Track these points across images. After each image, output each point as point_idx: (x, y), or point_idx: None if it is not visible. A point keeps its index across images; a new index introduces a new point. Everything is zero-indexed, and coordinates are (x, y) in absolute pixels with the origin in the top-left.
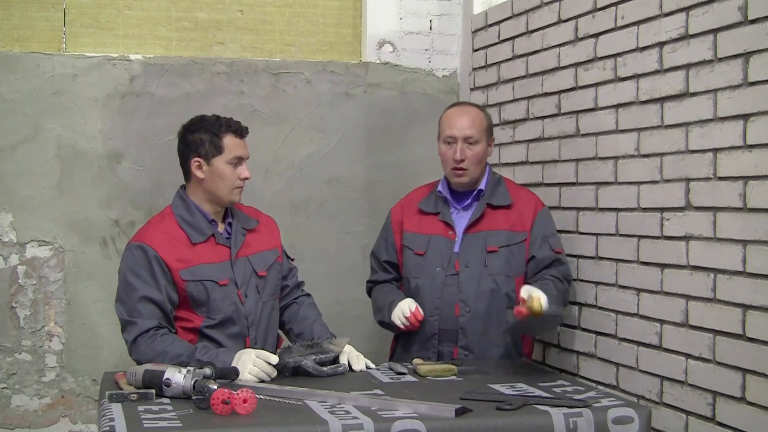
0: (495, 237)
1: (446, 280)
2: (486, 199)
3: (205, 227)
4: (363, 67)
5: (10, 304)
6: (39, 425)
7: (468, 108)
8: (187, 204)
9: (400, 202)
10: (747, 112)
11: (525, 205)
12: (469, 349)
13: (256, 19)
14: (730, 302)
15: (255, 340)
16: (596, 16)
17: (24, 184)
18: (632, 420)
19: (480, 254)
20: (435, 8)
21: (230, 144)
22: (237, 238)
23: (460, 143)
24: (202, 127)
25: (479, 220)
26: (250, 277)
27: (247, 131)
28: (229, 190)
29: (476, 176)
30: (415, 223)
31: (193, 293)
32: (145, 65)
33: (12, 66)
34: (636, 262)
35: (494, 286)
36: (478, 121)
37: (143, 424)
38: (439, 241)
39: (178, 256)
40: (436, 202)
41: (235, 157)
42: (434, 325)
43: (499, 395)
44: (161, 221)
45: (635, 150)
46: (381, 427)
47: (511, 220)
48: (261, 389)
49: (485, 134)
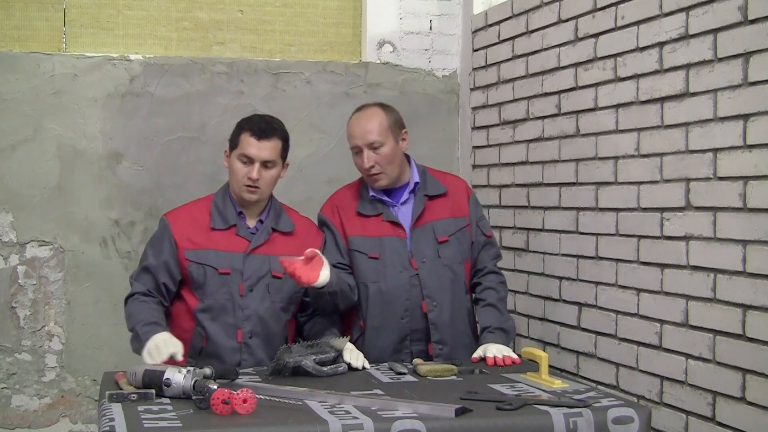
0: (442, 226)
1: (410, 280)
2: (423, 190)
3: (230, 216)
4: (363, 67)
5: (10, 304)
6: (39, 425)
7: (366, 112)
8: (225, 192)
9: (331, 203)
10: (747, 112)
11: (457, 191)
12: (443, 342)
13: (256, 19)
14: (730, 302)
15: (249, 334)
16: (596, 16)
17: (24, 184)
18: (632, 420)
19: (432, 246)
20: (435, 8)
21: (244, 141)
22: (260, 235)
23: (365, 150)
24: (240, 121)
25: (423, 212)
26: (264, 275)
27: (268, 136)
28: (238, 186)
29: (394, 175)
30: (357, 226)
31: (193, 274)
32: (145, 65)
33: (12, 66)
34: (636, 262)
35: (452, 275)
36: (378, 123)
37: (143, 424)
38: (392, 241)
39: (189, 237)
40: (373, 204)
41: (244, 155)
42: (405, 326)
43: (499, 395)
44: (198, 202)
45: (635, 150)
46: (381, 427)
47: (449, 207)
48: (261, 389)
49: (390, 133)
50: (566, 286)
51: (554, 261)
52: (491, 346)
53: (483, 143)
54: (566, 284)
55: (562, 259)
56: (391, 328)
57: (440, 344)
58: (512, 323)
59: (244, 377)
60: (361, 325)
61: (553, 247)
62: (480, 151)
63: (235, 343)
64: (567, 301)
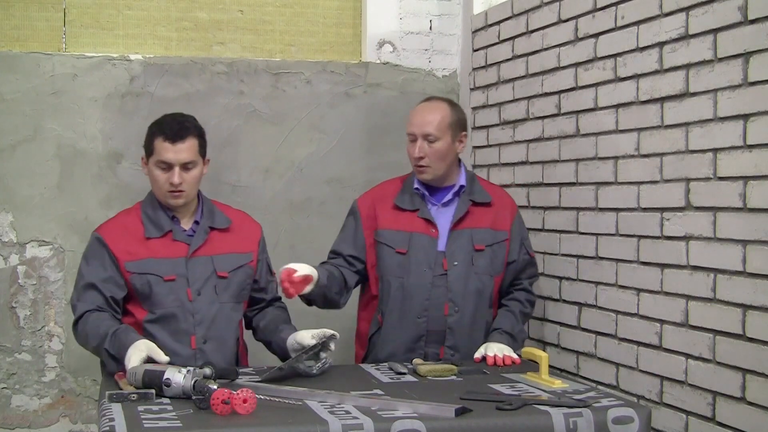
0: (480, 235)
1: (434, 280)
2: (468, 195)
3: (164, 222)
4: (363, 67)
5: (10, 304)
6: (39, 425)
7: (432, 104)
8: (153, 199)
9: (369, 195)
10: (747, 112)
11: (502, 204)
12: (456, 348)
13: (256, 19)
14: (730, 302)
15: (203, 339)
16: (596, 16)
17: (24, 184)
18: (632, 420)
19: (467, 252)
20: (435, 8)
21: (158, 147)
22: (198, 236)
23: (419, 140)
24: (151, 126)
25: (464, 217)
26: (209, 277)
27: (182, 137)
28: (162, 194)
29: (440, 173)
30: (390, 219)
31: (137, 286)
32: (145, 65)
33: (12, 66)
34: (636, 262)
35: (480, 285)
36: (441, 117)
37: (143, 424)
38: (422, 238)
39: (127, 249)
40: (412, 198)
41: (162, 161)
42: (422, 326)
43: (499, 395)
44: (126, 214)
45: (635, 150)
46: (381, 427)
47: (491, 218)
48: (261, 389)
49: (449, 131)
50: (566, 286)
51: (554, 261)
52: (493, 344)
53: (483, 143)
54: (566, 284)
55: (562, 259)
56: (407, 327)
57: (452, 349)
58: (524, 336)
59: (244, 377)
60: (379, 319)
61: (553, 247)
62: (480, 151)
63: (189, 350)
64: (567, 301)
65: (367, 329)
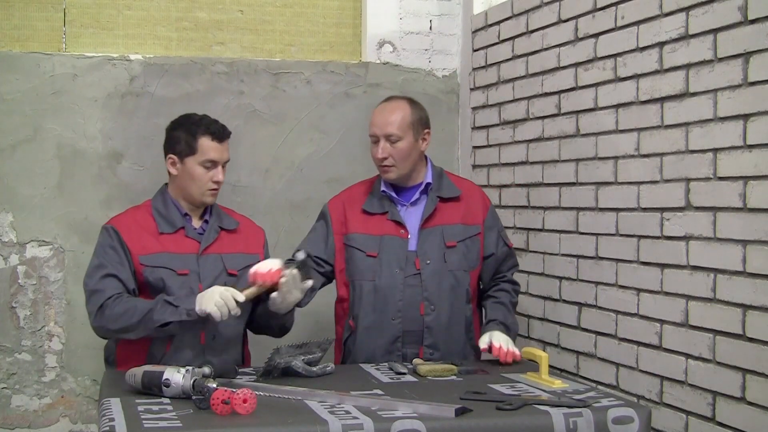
0: (451, 231)
1: (406, 280)
2: (435, 192)
3: (176, 219)
4: (363, 67)
5: (10, 304)
6: (39, 425)
7: (393, 104)
8: (165, 197)
9: (339, 199)
10: (747, 112)
11: (472, 197)
12: (435, 347)
13: (256, 19)
14: (730, 302)
15: (213, 334)
16: (596, 16)
17: (24, 184)
18: (632, 420)
19: (439, 250)
20: (435, 8)
21: (205, 146)
22: (209, 234)
23: (382, 141)
24: (183, 125)
25: (433, 214)
26: (219, 274)
27: (229, 135)
28: (200, 192)
29: (405, 172)
30: (360, 223)
31: (149, 279)
32: (145, 65)
33: (12, 66)
34: (636, 262)
35: (454, 282)
36: (401, 117)
37: (143, 424)
38: (392, 240)
39: (141, 243)
40: (381, 202)
41: (208, 160)
42: (398, 327)
43: (499, 395)
44: (136, 210)
45: (635, 150)
46: (381, 427)
47: (461, 213)
48: (261, 389)
49: (411, 129)
50: (566, 286)
51: (554, 261)
52: (498, 334)
53: (483, 143)
54: (566, 284)
55: (562, 259)
56: (382, 329)
57: (431, 348)
58: (517, 327)
59: (243, 377)
60: (350, 324)
61: (553, 247)
62: (480, 151)
63: (198, 345)
64: (567, 301)
65: (341, 333)
